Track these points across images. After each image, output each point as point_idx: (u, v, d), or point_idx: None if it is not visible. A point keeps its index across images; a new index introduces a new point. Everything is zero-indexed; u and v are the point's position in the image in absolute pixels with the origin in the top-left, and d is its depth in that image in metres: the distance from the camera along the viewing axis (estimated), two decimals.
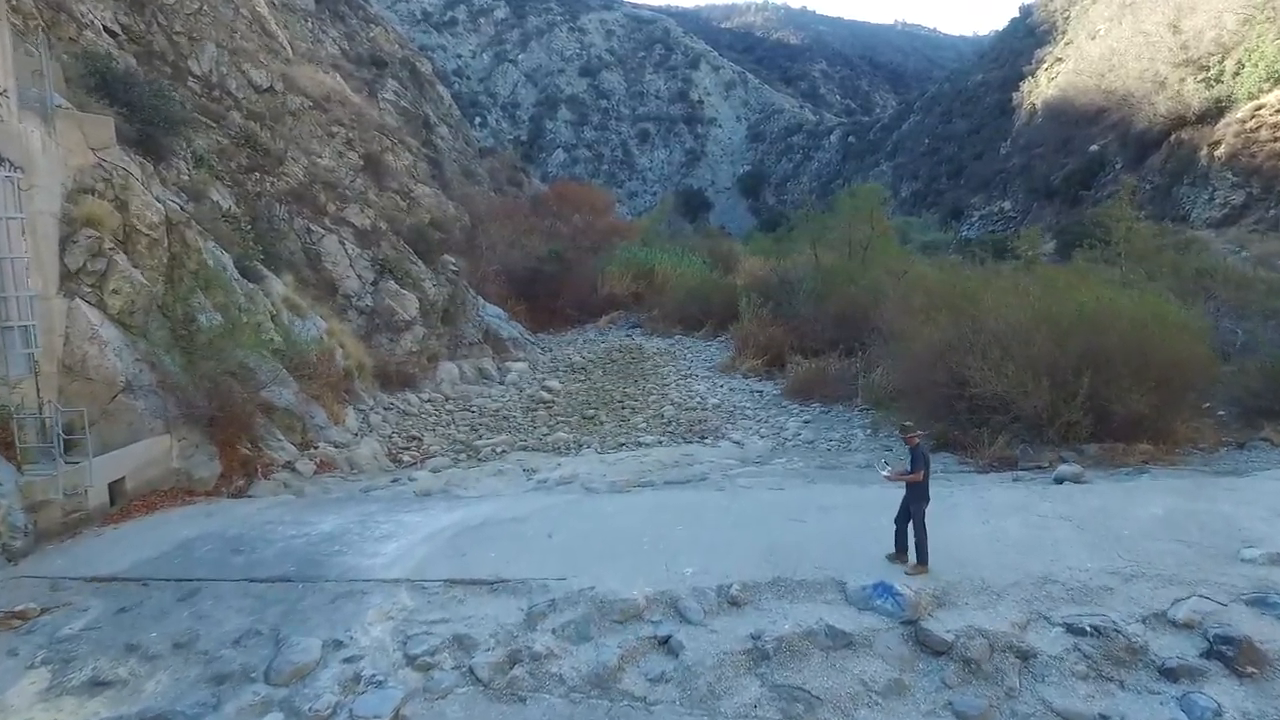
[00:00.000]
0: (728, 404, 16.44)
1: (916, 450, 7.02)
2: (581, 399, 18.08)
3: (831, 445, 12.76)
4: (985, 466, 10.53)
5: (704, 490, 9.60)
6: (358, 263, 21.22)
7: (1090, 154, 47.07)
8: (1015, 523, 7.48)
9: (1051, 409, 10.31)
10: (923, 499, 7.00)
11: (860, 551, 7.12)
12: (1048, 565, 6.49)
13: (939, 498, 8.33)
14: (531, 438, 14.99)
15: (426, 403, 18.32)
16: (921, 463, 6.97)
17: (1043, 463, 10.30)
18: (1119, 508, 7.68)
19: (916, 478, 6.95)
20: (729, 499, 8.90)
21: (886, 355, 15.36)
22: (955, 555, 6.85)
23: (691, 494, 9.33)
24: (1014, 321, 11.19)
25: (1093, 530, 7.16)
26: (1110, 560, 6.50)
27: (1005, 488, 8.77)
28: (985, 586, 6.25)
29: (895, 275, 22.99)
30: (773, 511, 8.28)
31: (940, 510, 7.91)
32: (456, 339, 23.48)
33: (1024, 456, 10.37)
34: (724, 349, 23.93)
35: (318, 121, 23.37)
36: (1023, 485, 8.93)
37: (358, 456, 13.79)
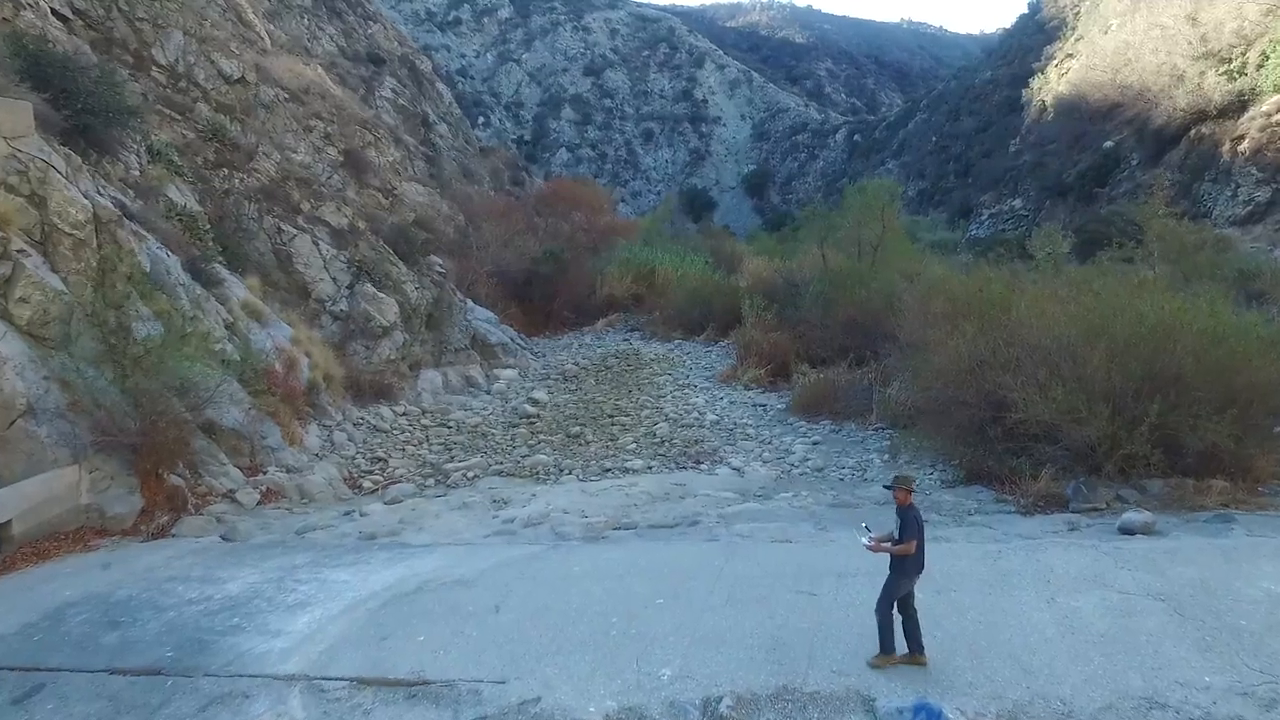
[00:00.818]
0: (727, 420, 14.69)
1: (909, 513, 5.30)
2: (569, 413, 16.36)
3: (844, 474, 11.00)
4: (1029, 507, 8.76)
5: (693, 541, 7.85)
6: (333, 264, 19.55)
7: (1105, 150, 45.03)
8: (1092, 603, 5.71)
9: (1110, 439, 8.52)
10: (912, 574, 5.31)
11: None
12: (1149, 677, 4.73)
13: (984, 557, 6.57)
14: (509, 460, 13.27)
15: (401, 417, 16.63)
16: (914, 529, 5.25)
17: (1099, 503, 8.52)
18: (1223, 581, 5.90)
19: (908, 549, 5.24)
20: (723, 557, 7.15)
21: (904, 368, 13.59)
22: (1019, 656, 5.10)
23: (678, 547, 7.57)
24: (1061, 335, 9.40)
25: (1197, 617, 5.39)
26: (1235, 670, 4.74)
27: (1065, 545, 6.97)
28: (1068, 713, 4.49)
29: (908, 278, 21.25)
30: (777, 577, 6.54)
31: (990, 578, 6.16)
32: (442, 345, 21.78)
33: (1076, 496, 8.58)
34: (725, 355, 22.17)
35: (294, 115, 21.71)
36: (1086, 541, 7.14)
37: (310, 484, 12.09)
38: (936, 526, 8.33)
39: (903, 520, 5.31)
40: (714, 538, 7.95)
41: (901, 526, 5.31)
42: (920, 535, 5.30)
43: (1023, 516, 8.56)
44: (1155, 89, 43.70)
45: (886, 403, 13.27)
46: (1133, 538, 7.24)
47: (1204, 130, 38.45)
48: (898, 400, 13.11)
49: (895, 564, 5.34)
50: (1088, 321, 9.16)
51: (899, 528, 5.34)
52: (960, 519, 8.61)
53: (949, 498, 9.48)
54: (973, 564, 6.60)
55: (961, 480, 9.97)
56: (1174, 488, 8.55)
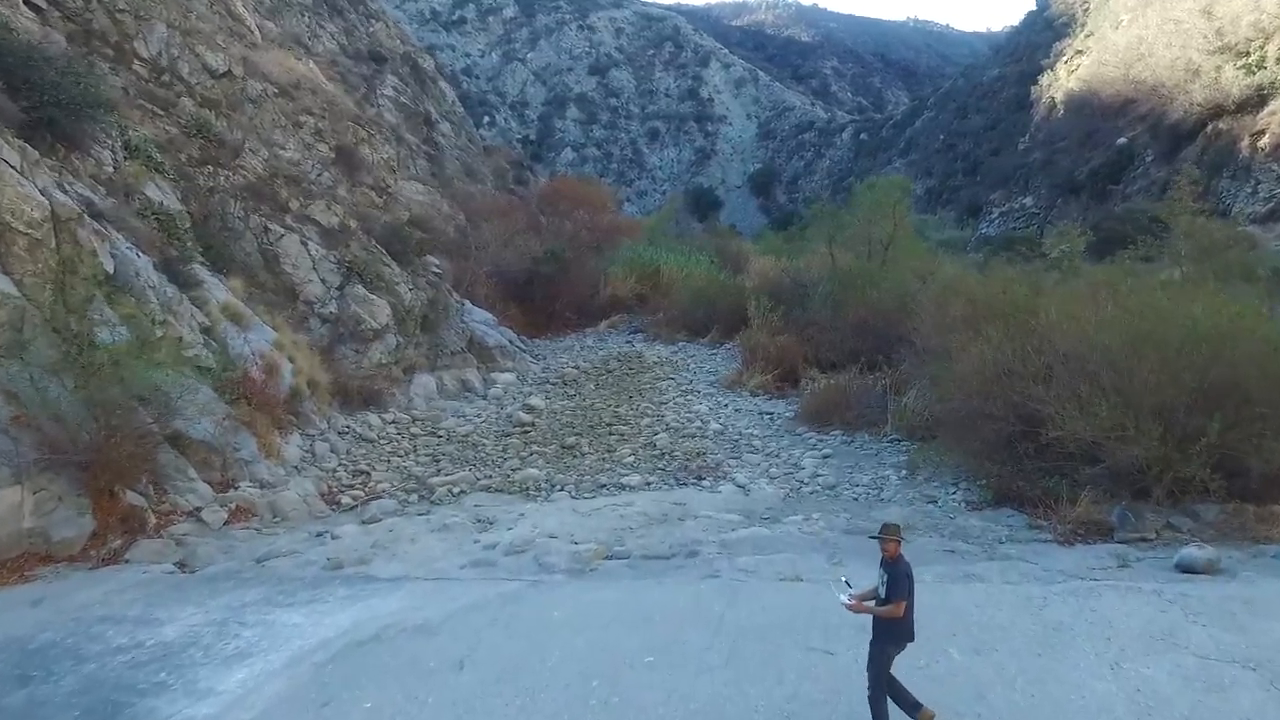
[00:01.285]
0: (732, 430, 13.71)
1: (897, 568, 4.39)
2: (565, 420, 15.41)
3: (859, 493, 10.01)
4: (1068, 535, 7.77)
5: (690, 577, 6.89)
6: (322, 265, 18.64)
7: (1118, 147, 43.82)
8: (1165, 671, 4.73)
9: (1162, 461, 7.52)
10: (901, 642, 4.40)
11: None
12: None
13: (1027, 605, 5.59)
14: (498, 473, 12.33)
15: (390, 425, 15.71)
16: (904, 588, 4.34)
17: (1147, 533, 7.53)
18: None
19: (895, 612, 4.33)
20: (724, 600, 6.20)
21: (921, 375, 12.60)
22: None
23: (673, 588, 6.61)
24: (1099, 342, 8.39)
25: None
26: None
27: (1121, 589, 5.99)
28: None
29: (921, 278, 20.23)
30: (786, 629, 5.59)
31: (1038, 633, 5.17)
32: (437, 348, 20.86)
33: (1123, 524, 7.59)
34: (730, 359, 21.19)
35: (283, 110, 20.82)
36: (1143, 583, 6.15)
37: (283, 500, 11.17)
38: (965, 559, 7.37)
39: (890, 577, 4.38)
40: (714, 573, 7.00)
41: (889, 584, 4.37)
42: (910, 596, 4.37)
43: (1062, 547, 7.57)
44: (1170, 84, 42.48)
45: (902, 413, 12.28)
46: (1195, 578, 6.25)
47: (1221, 125, 37.26)
48: (914, 410, 12.12)
49: (880, 630, 4.43)
50: (1132, 327, 8.15)
51: (885, 584, 4.39)
52: (991, 549, 7.64)
53: (976, 522, 8.50)
54: (1015, 613, 5.62)
55: (989, 502, 8.97)
56: (1232, 514, 7.55)
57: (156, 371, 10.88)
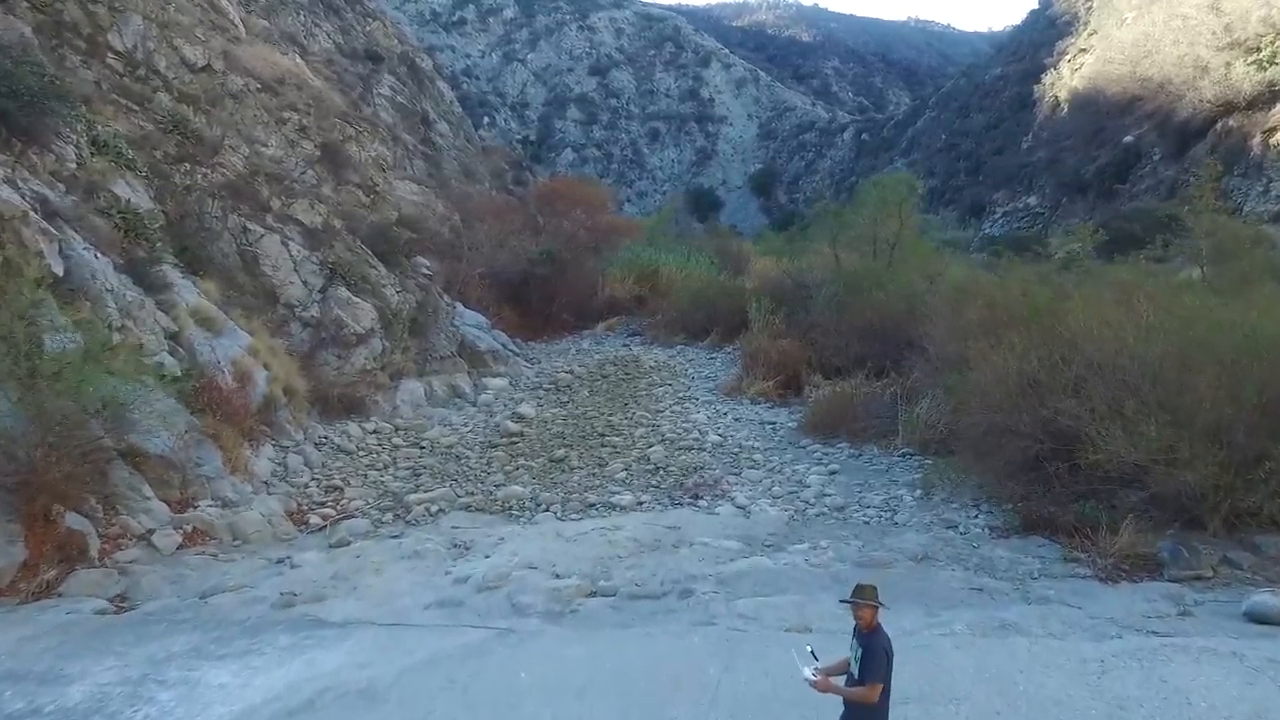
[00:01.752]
0: (731, 442, 12.75)
1: (874, 640, 3.52)
2: (555, 430, 14.46)
3: (870, 516, 9.05)
4: (1110, 570, 6.81)
5: (682, 626, 5.94)
6: (304, 267, 17.70)
7: (1124, 145, 42.81)
8: None
9: (1221, 488, 6.57)
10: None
11: None
12: None
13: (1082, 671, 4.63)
14: (481, 490, 11.38)
15: (371, 434, 14.77)
16: (880, 666, 3.46)
17: (1203, 569, 6.58)
18: None
19: (870, 696, 3.45)
20: (721, 659, 5.25)
21: (934, 383, 11.64)
22: None
23: (662, 640, 5.66)
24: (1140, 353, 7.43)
25: None
26: None
27: (1192, 651, 5.02)
28: None
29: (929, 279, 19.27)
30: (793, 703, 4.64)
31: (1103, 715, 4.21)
32: (426, 353, 19.92)
33: (1175, 560, 6.63)
34: (730, 363, 20.24)
35: (265, 106, 19.88)
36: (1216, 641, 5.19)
37: (245, 521, 10.23)
38: (996, 600, 6.41)
39: (865, 651, 3.50)
40: (710, 619, 6.04)
41: (863, 661, 3.49)
42: (888, 678, 3.47)
43: (1104, 584, 6.61)
44: (1177, 81, 41.44)
45: (914, 424, 11.31)
46: (1274, 631, 5.30)
47: (1231, 123, 36.22)
48: (928, 422, 11.15)
49: (850, 717, 3.55)
50: (1182, 336, 7.19)
51: (859, 660, 3.51)
52: (1024, 586, 6.68)
53: (1004, 553, 7.54)
54: (1068, 682, 4.67)
55: (1017, 528, 8.01)
56: None
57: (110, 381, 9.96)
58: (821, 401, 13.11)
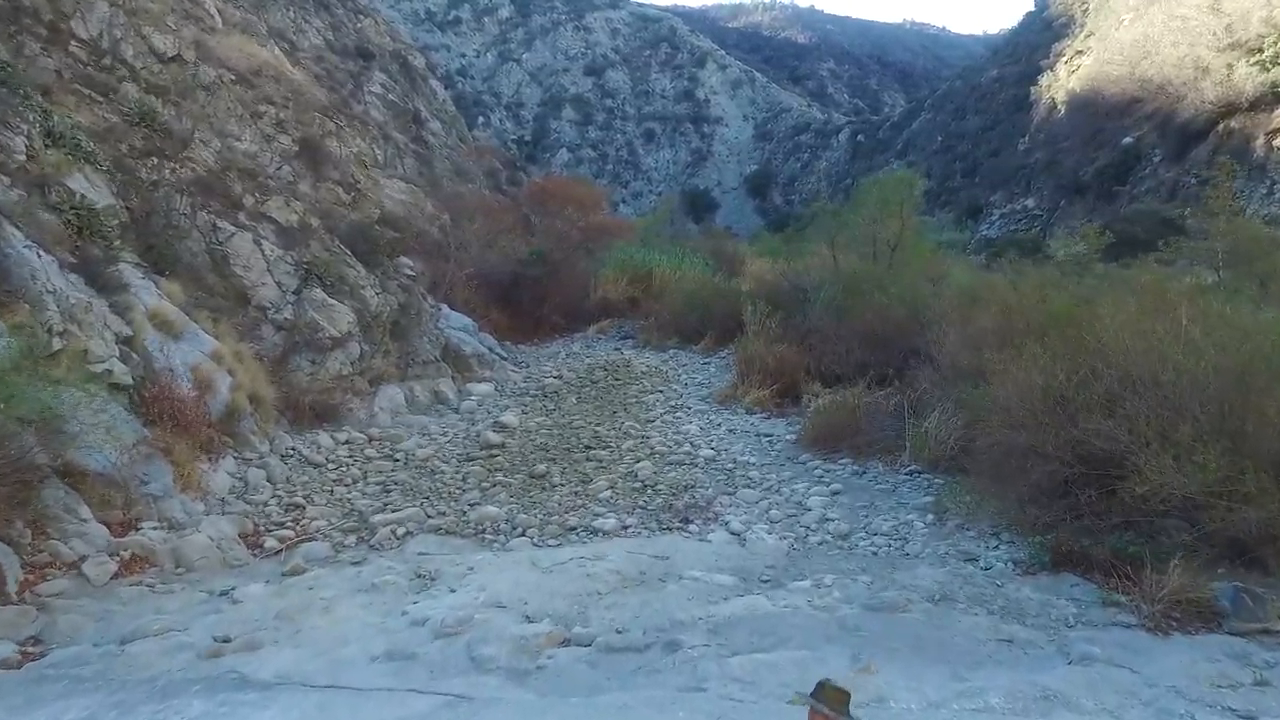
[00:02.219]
0: (725, 456, 11.81)
1: None
2: (539, 442, 13.51)
3: (878, 545, 8.12)
4: (1159, 618, 5.89)
5: (666, 693, 4.99)
6: (277, 267, 16.73)
7: (1124, 147, 42.04)
8: None
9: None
10: None
11: None
12: None
13: None
14: (453, 510, 10.42)
15: (343, 445, 13.80)
16: None
17: (1270, 621, 5.67)
18: None
19: None
20: None
21: (944, 395, 10.72)
22: None
23: (639, 716, 4.72)
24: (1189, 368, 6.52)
25: None
26: None
27: None
28: None
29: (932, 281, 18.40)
30: None
31: None
32: (408, 357, 18.95)
33: (1238, 609, 5.70)
34: (724, 368, 19.33)
35: (240, 98, 18.88)
36: None
37: (191, 546, 9.25)
38: (1030, 655, 5.49)
39: None
40: (698, 683, 5.09)
41: None
42: None
43: (1154, 636, 5.69)
44: (1177, 82, 40.68)
45: (922, 440, 10.38)
46: None
47: (1234, 124, 35.47)
48: (937, 437, 10.23)
49: None
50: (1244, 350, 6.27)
51: None
52: (1061, 638, 5.75)
53: (1032, 593, 6.61)
54: None
55: (1045, 564, 7.07)
56: None
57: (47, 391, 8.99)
58: (821, 413, 12.17)
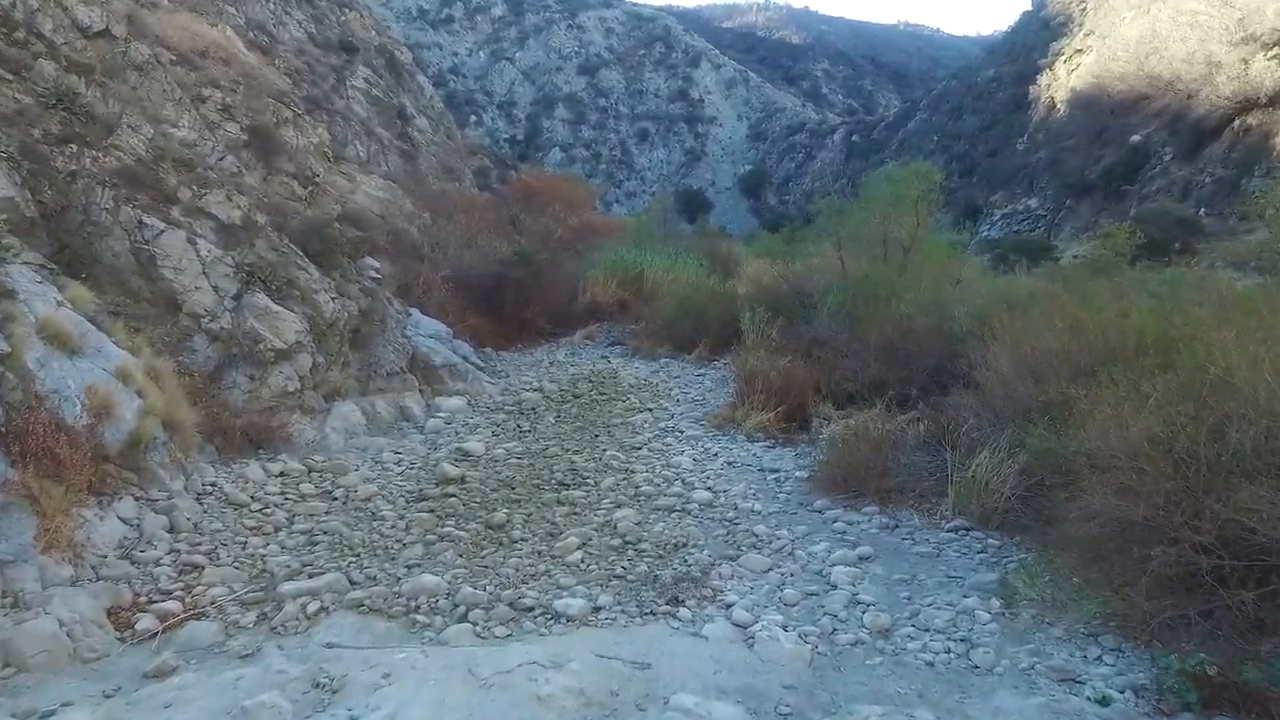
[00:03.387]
0: (724, 500, 9.60)
1: None
2: (504, 475, 11.29)
3: (934, 652, 5.93)
4: None
5: None
6: (214, 269, 14.46)
7: (1132, 145, 40.01)
8: None
9: None
10: None
11: None
12: None
13: None
14: (384, 575, 8.19)
15: (276, 478, 11.54)
16: None
17: None
18: None
19: None
20: None
21: (994, 430, 8.54)
22: None
23: None
24: None
25: None
26: None
27: None
28: None
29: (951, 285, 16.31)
30: None
31: None
32: (370, 369, 16.74)
33: None
34: (720, 382, 17.17)
35: (179, 80, 16.58)
36: None
37: (28, 636, 6.94)
38: None
39: None
40: None
41: None
42: None
43: None
44: (1188, 78, 38.70)
45: (970, 487, 8.20)
46: None
47: (1250, 121, 33.45)
48: (988, 483, 8.06)
49: None
50: None
51: None
52: None
53: None
54: None
55: (1189, 699, 4.89)
56: None
57: None
58: (838, 446, 9.96)
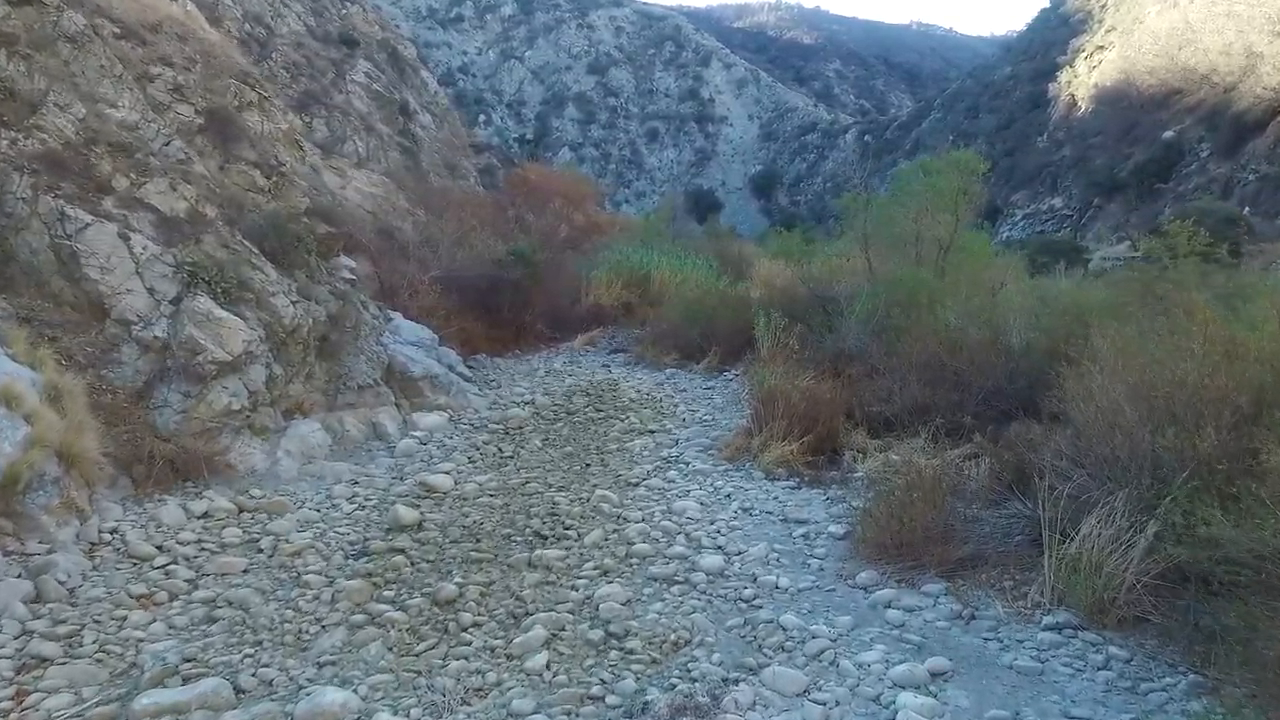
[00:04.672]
0: (740, 568, 7.34)
1: None
2: (471, 521, 9.08)
3: None
4: None
5: None
6: (151, 268, 12.32)
7: (1164, 141, 37.38)
8: None
9: None
10: None
11: None
12: None
13: None
14: (282, 681, 5.96)
15: (198, 519, 9.36)
16: None
17: None
18: None
19: None
20: None
21: (1106, 488, 6.25)
22: None
23: None
24: None
25: None
26: None
27: None
28: None
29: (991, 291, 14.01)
30: None
31: None
32: (339, 381, 14.58)
33: None
34: (732, 399, 14.91)
35: (123, 56, 14.44)
36: None
37: None
38: None
39: None
40: None
41: None
42: None
43: None
44: (1225, 71, 36.07)
45: (1078, 569, 5.92)
46: None
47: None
48: (1099, 565, 5.77)
49: None
50: None
51: None
52: None
53: None
54: None
55: None
56: None
57: None
58: (887, 503, 7.67)
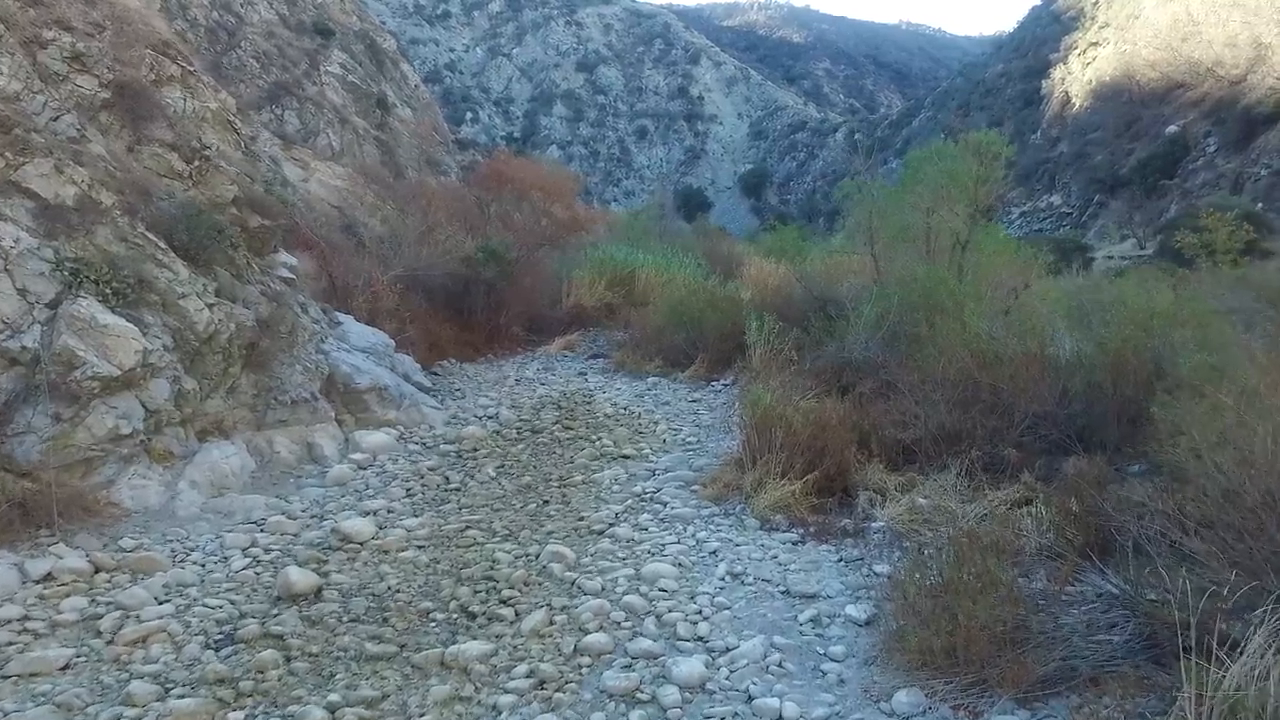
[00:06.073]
0: (727, 680, 5.26)
1: None
2: (383, 588, 6.94)
3: None
4: None
5: None
6: (24, 264, 10.05)
7: (1168, 136, 35.58)
8: None
9: None
10: None
11: None
12: None
13: None
14: None
15: (34, 585, 7.15)
16: None
17: None
18: None
19: None
20: None
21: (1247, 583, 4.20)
22: None
23: None
24: None
25: None
26: None
27: None
28: None
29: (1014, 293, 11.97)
30: None
31: None
32: (270, 394, 12.36)
33: None
34: (722, 417, 12.83)
35: (6, 17, 12.21)
36: None
37: None
38: None
39: None
40: None
41: None
42: None
43: None
44: (1231, 63, 34.30)
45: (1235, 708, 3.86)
46: None
47: None
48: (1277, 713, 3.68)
49: None
50: None
51: None
52: None
53: None
54: None
55: None
56: None
57: None
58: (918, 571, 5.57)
